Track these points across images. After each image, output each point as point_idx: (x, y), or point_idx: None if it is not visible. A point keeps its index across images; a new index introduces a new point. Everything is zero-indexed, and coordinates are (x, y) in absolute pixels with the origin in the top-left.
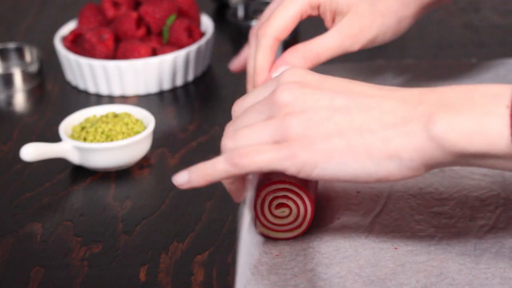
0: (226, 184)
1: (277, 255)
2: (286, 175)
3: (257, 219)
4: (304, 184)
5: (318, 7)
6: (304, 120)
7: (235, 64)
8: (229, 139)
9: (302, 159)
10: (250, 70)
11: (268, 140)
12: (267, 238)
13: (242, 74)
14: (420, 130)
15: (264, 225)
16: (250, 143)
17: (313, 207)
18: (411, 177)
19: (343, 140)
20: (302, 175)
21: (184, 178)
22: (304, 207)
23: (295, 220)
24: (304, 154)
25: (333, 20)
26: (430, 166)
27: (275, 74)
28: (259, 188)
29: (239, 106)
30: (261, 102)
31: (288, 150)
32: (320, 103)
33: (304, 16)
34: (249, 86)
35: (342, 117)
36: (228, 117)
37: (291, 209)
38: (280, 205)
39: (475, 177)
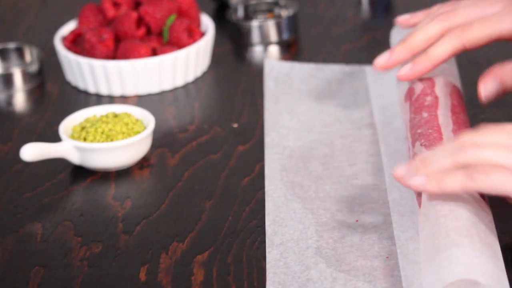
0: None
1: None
2: None
3: None
4: None
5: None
6: None
7: (387, 64)
8: (477, 148)
9: None
10: (417, 39)
11: (505, 164)
12: None
13: (241, 74)
14: None
15: None
16: (489, 159)
17: None
18: None
19: None
20: None
21: (419, 181)
22: None
23: None
24: None
25: None
26: None
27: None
28: None
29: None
30: None
31: None
32: None
33: (498, 38)
34: (407, 51)
35: None
36: (228, 117)
37: None
38: None
39: None
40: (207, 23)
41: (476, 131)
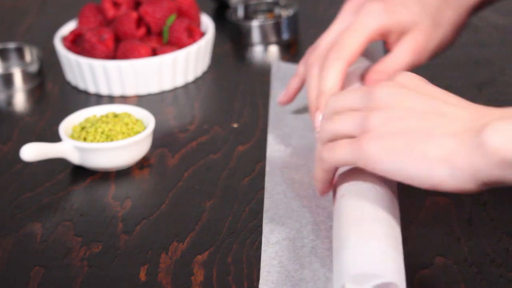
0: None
1: None
2: None
3: None
4: None
5: (385, 32)
6: (382, 116)
7: (285, 98)
8: (327, 121)
9: (367, 152)
10: (312, 95)
11: (351, 131)
12: None
13: (241, 74)
14: (472, 138)
15: None
16: (340, 131)
17: None
18: (464, 191)
19: (405, 139)
20: (369, 169)
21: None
22: None
23: None
24: (370, 147)
25: (397, 39)
26: (481, 182)
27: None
28: None
29: (334, 101)
30: (362, 89)
31: (359, 142)
32: (404, 103)
33: (371, 41)
34: (312, 110)
35: (415, 119)
36: (228, 117)
37: None
38: None
39: None
40: (207, 23)
41: (337, 95)
